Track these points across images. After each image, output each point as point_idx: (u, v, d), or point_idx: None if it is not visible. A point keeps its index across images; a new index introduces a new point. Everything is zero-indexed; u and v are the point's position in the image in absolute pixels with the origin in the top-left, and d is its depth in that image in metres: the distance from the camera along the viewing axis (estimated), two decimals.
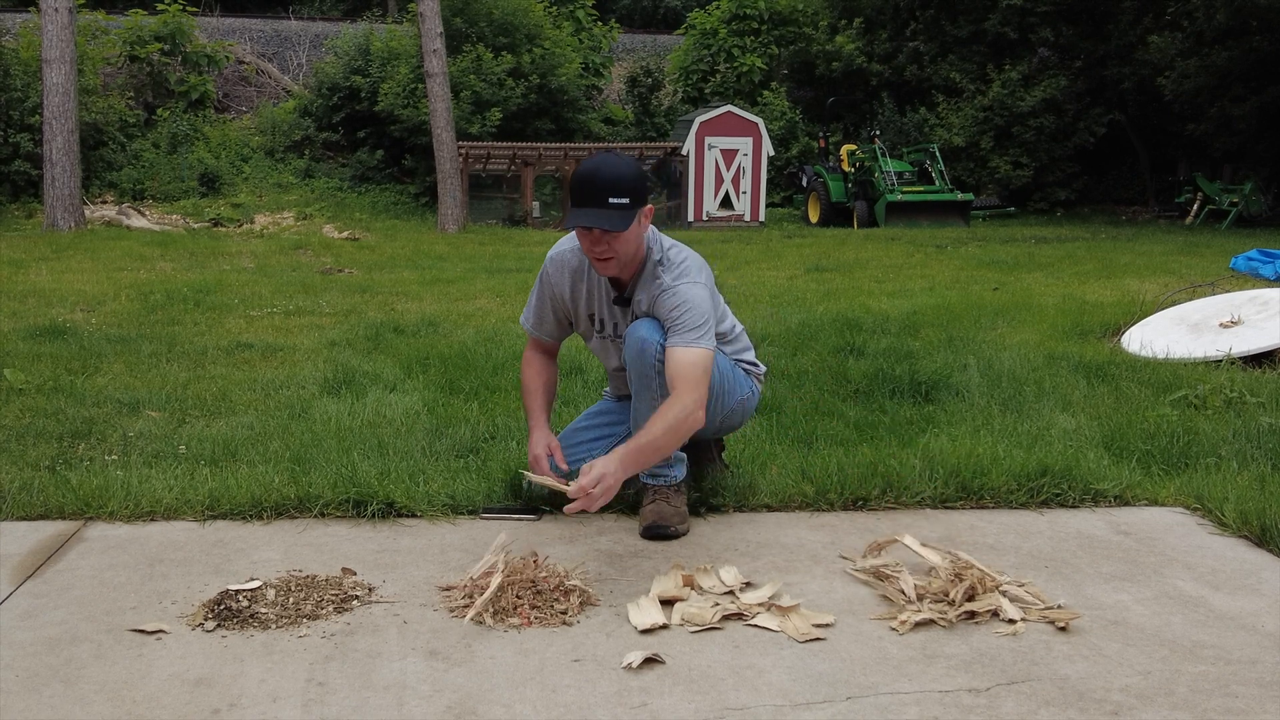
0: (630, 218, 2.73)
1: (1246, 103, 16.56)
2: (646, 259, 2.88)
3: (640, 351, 2.80)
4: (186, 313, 6.81)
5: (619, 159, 2.81)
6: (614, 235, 2.73)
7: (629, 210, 2.73)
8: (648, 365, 2.79)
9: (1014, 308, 6.82)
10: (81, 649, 2.20)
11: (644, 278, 2.88)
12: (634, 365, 2.82)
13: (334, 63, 18.66)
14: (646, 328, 2.82)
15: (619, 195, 2.71)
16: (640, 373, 2.82)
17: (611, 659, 2.17)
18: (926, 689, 2.06)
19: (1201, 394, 4.25)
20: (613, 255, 2.77)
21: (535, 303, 3.10)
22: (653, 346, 2.78)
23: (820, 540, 2.87)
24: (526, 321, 3.14)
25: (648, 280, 2.87)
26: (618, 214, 2.71)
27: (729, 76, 21.63)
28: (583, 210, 2.74)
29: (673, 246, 2.93)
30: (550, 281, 3.05)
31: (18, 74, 15.72)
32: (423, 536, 2.88)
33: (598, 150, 17.38)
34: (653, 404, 2.79)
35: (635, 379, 2.85)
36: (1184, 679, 2.11)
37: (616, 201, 2.71)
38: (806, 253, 11.75)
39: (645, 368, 2.80)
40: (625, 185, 2.73)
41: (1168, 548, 2.84)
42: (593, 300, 3.01)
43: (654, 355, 2.78)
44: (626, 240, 2.76)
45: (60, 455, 3.55)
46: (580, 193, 2.75)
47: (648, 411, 2.79)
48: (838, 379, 4.68)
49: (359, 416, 4.04)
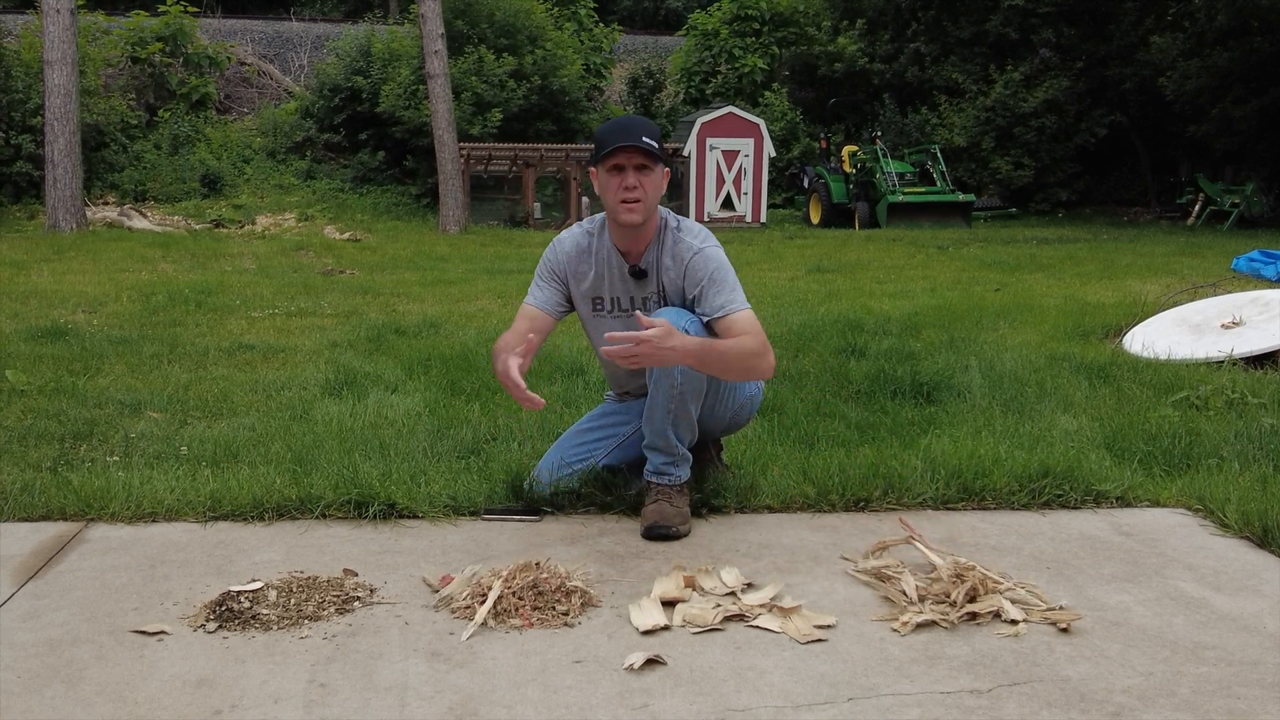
0: (660, 157, 2.83)
1: (1248, 104, 16.55)
2: (662, 227, 2.92)
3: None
4: (188, 314, 6.82)
5: (642, 117, 2.95)
6: (648, 172, 2.81)
7: (658, 155, 2.83)
8: None
9: (1015, 309, 6.82)
10: (83, 650, 2.20)
11: (664, 245, 2.91)
12: None
13: (335, 64, 18.66)
14: (674, 315, 2.78)
15: (651, 138, 2.82)
16: None
17: (613, 660, 2.17)
18: (928, 690, 2.06)
19: (1203, 395, 4.25)
20: (642, 197, 2.82)
21: (537, 278, 3.06)
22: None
23: (822, 541, 2.87)
24: (529, 297, 3.08)
25: (669, 246, 2.90)
26: (653, 149, 2.81)
27: (730, 77, 21.63)
28: (621, 144, 2.80)
29: (684, 219, 2.99)
30: (555, 258, 3.02)
31: (19, 75, 15.73)
32: (424, 537, 2.88)
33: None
34: (671, 394, 2.79)
35: (657, 368, 2.81)
36: (1186, 680, 2.11)
37: (649, 142, 2.81)
38: (808, 254, 11.75)
39: None
40: (654, 133, 2.86)
41: (1169, 549, 2.84)
42: (600, 281, 2.98)
43: None
44: (656, 183, 2.84)
45: (62, 456, 3.55)
46: (615, 133, 2.83)
47: (665, 402, 2.79)
48: (839, 380, 4.68)
49: (360, 418, 4.04)
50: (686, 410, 2.84)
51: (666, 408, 2.83)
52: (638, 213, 2.84)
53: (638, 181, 2.81)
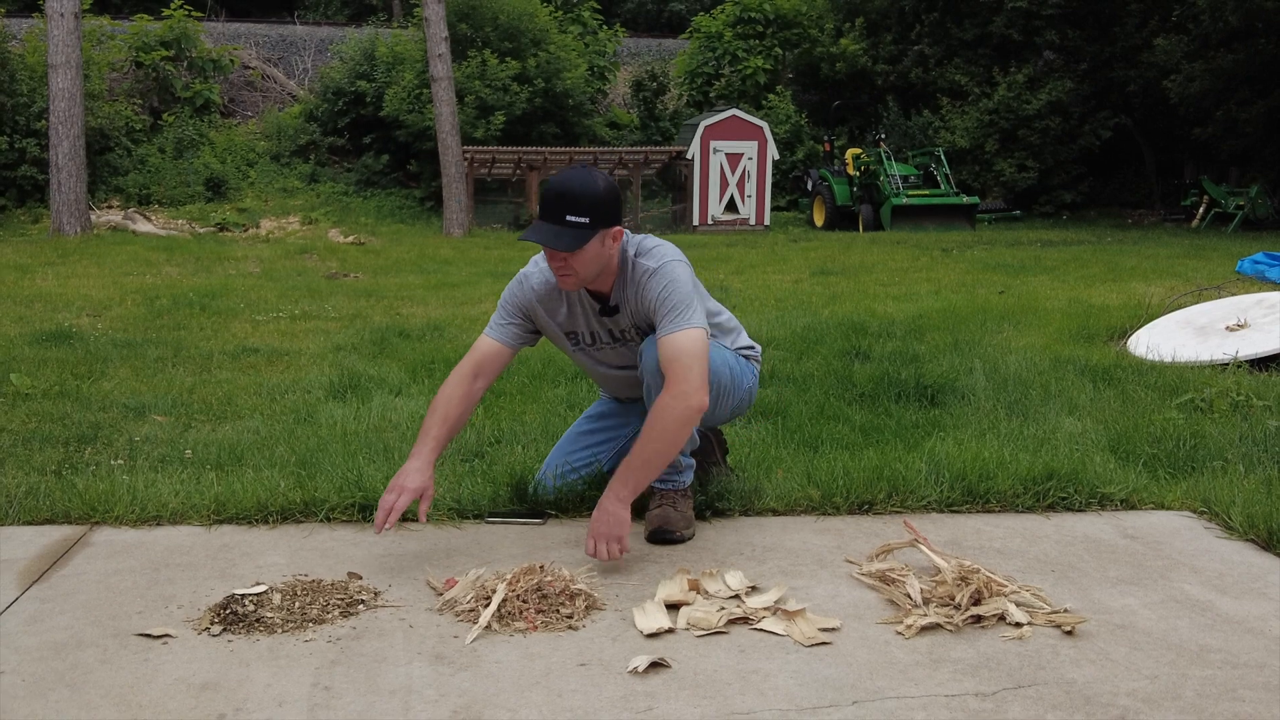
0: (585, 238, 2.63)
1: (1253, 106, 16.54)
2: (624, 260, 2.78)
3: (657, 373, 2.72)
4: (192, 317, 6.83)
5: (591, 177, 2.69)
6: (567, 253, 2.65)
7: (586, 230, 2.63)
8: None
9: (1020, 311, 6.81)
10: (87, 654, 2.20)
11: (627, 277, 2.78)
12: (654, 386, 2.75)
13: (339, 68, 18.71)
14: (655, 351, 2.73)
15: (578, 214, 2.63)
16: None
17: (617, 663, 2.17)
18: (933, 693, 2.05)
19: (1208, 397, 4.24)
20: (570, 272, 2.69)
21: (500, 311, 2.93)
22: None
23: (826, 544, 2.87)
24: (490, 329, 2.94)
25: (631, 277, 2.78)
26: (571, 233, 2.63)
27: (734, 80, 21.64)
28: (539, 224, 2.67)
29: (644, 239, 2.83)
30: (522, 295, 2.89)
31: (24, 79, 15.78)
32: (428, 541, 2.88)
33: (599, 154, 17.42)
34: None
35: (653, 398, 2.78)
36: (1191, 683, 2.10)
37: (574, 220, 2.63)
38: (812, 256, 11.75)
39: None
40: (587, 204, 2.64)
41: (1174, 551, 2.84)
42: (575, 318, 2.89)
43: None
44: (584, 261, 2.67)
45: (66, 460, 3.55)
46: (543, 206, 2.69)
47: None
48: (843, 383, 4.68)
49: (364, 421, 4.05)
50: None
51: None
52: (570, 284, 2.74)
53: (564, 263, 2.67)
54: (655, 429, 2.63)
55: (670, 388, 2.63)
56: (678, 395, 2.61)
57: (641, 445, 2.66)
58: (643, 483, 2.68)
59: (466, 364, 2.88)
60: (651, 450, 2.64)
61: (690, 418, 2.64)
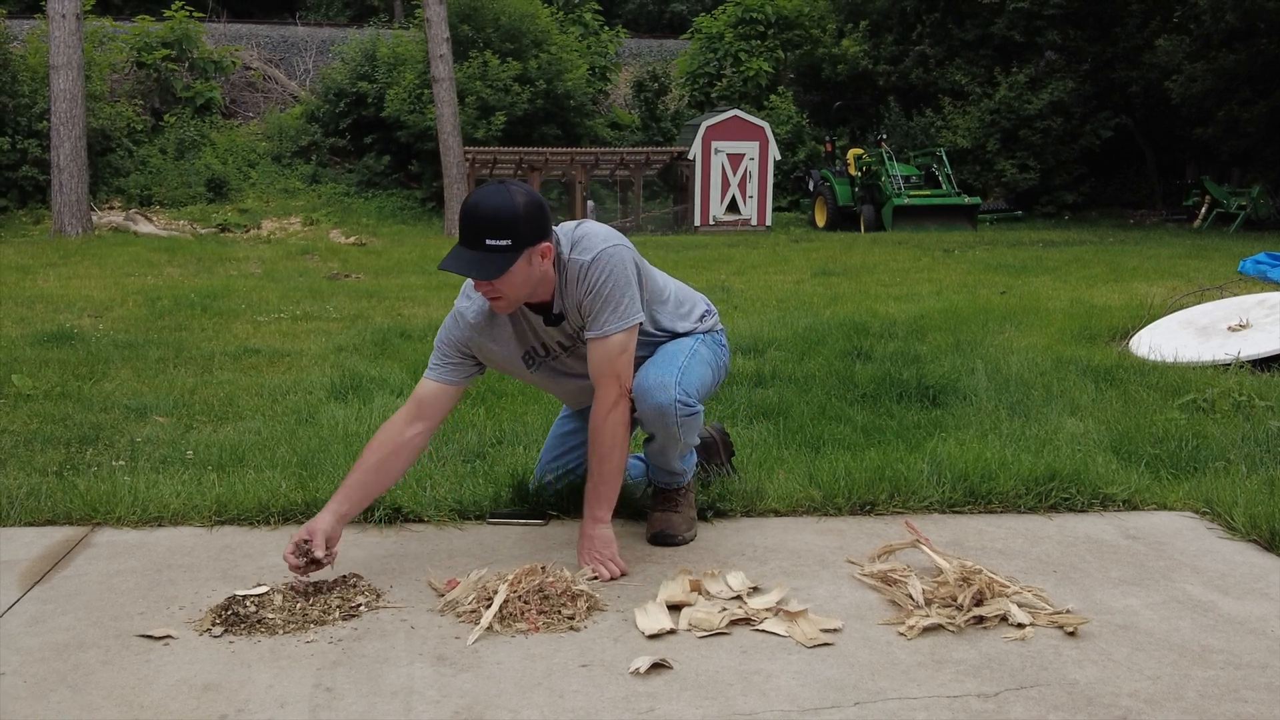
0: (508, 262, 2.45)
1: (1254, 106, 16.52)
2: (560, 267, 2.61)
3: (660, 414, 2.67)
4: (194, 318, 6.83)
5: (508, 193, 2.49)
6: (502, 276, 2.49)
7: (509, 253, 2.45)
8: (670, 423, 2.68)
9: (1021, 311, 6.81)
10: (89, 654, 2.20)
11: (565, 279, 2.62)
12: (656, 426, 2.72)
13: (340, 69, 18.71)
14: (652, 380, 2.67)
15: (497, 236, 2.44)
16: (664, 430, 2.71)
17: (619, 664, 2.17)
18: (935, 694, 2.05)
19: (1210, 398, 4.23)
20: (500, 296, 2.54)
21: (437, 352, 2.75)
22: (670, 408, 2.65)
23: (828, 545, 2.87)
24: (429, 372, 2.76)
25: (568, 278, 2.62)
26: (492, 259, 2.45)
27: (735, 81, 21.64)
28: (458, 250, 2.50)
29: (576, 228, 2.67)
30: (459, 332, 2.72)
31: (25, 80, 15.79)
32: (429, 542, 2.88)
33: (600, 154, 17.41)
34: (670, 438, 2.73)
35: (660, 434, 2.74)
36: (1193, 684, 2.10)
37: (494, 244, 2.45)
38: (813, 257, 11.74)
39: (669, 425, 2.69)
40: (505, 225, 2.44)
41: (1176, 552, 2.83)
42: (524, 336, 2.73)
43: (674, 415, 2.66)
44: (512, 285, 2.51)
45: (68, 461, 3.55)
46: (461, 230, 2.51)
47: (665, 443, 2.75)
48: (845, 383, 4.67)
49: (366, 421, 4.04)
50: (688, 443, 2.82)
51: (664, 449, 2.79)
52: (503, 307, 2.60)
53: (492, 287, 2.52)
54: (600, 449, 2.65)
55: (597, 405, 2.63)
56: (601, 411, 2.62)
57: (596, 467, 2.67)
58: (613, 496, 2.69)
59: (404, 410, 2.73)
60: (606, 469, 2.66)
61: (623, 421, 2.64)
